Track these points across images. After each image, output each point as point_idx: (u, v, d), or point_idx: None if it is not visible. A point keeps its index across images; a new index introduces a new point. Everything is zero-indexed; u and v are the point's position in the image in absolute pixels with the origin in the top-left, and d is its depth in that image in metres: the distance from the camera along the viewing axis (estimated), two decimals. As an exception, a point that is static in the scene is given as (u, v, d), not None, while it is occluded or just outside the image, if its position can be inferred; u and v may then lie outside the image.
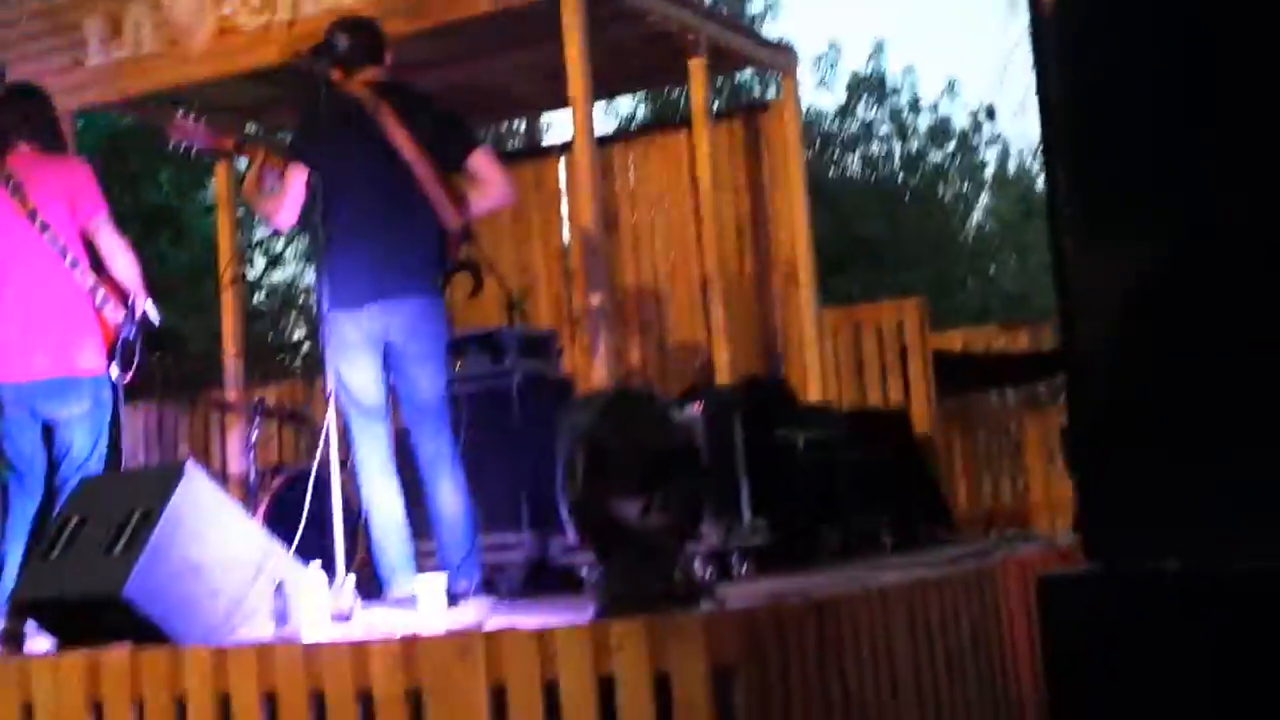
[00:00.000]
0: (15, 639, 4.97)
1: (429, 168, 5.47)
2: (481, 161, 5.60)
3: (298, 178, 5.55)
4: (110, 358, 5.71)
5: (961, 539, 7.63)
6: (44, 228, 5.53)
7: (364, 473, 5.67)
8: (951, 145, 25.86)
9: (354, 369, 5.58)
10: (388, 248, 5.49)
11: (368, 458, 5.64)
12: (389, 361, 5.62)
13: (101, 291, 5.70)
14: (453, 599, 5.20)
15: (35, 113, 5.84)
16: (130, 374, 5.76)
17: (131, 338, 5.76)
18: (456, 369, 6.87)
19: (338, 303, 5.50)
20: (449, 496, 5.60)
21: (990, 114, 25.51)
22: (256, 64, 8.04)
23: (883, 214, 22.05)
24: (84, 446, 5.65)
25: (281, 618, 4.44)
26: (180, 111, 5.66)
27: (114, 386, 5.73)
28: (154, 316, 5.79)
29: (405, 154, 5.45)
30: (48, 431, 5.66)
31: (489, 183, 5.59)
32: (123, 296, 5.76)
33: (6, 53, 8.72)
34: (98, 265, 5.76)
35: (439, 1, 7.57)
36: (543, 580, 6.73)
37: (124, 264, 5.75)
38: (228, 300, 9.59)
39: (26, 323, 5.55)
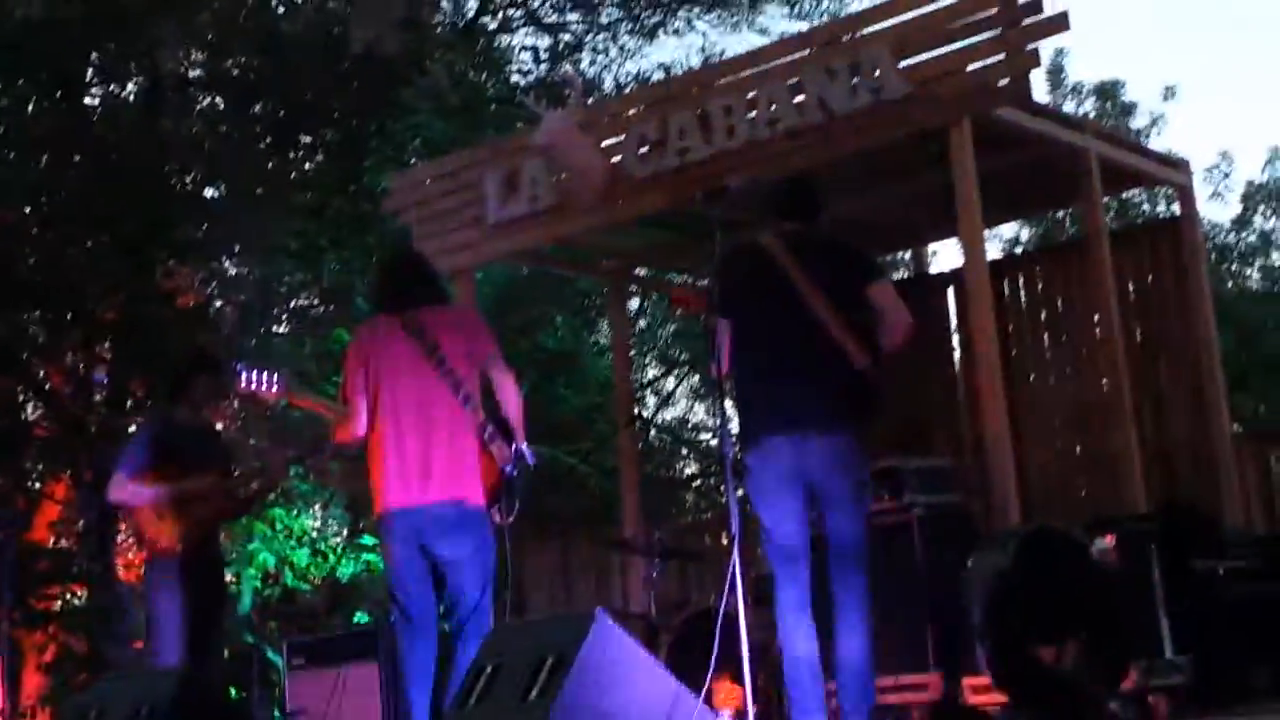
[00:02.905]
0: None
1: (830, 310, 5.51)
2: (878, 294, 5.59)
3: (721, 326, 5.69)
4: (493, 499, 5.86)
5: None
6: (441, 362, 5.75)
7: (781, 612, 5.64)
8: (1362, 252, 24.35)
9: (774, 509, 5.61)
10: (801, 390, 5.53)
11: (787, 597, 5.61)
12: (811, 501, 5.60)
13: (489, 429, 5.88)
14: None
15: (428, 275, 6.15)
16: (511, 515, 5.90)
17: (513, 477, 5.92)
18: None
19: (753, 446, 5.59)
20: (855, 640, 5.50)
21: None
22: (645, 210, 8.22)
23: (1285, 327, 20.86)
24: (474, 588, 5.73)
25: (693, 765, 4.38)
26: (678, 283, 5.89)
27: (497, 528, 5.88)
28: (529, 458, 5.93)
29: (806, 299, 5.49)
30: (438, 578, 5.78)
31: (886, 314, 5.56)
32: (508, 436, 5.93)
33: (414, 213, 9.22)
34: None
35: (830, 139, 7.58)
36: (949, 722, 6.50)
37: (514, 399, 5.90)
38: (624, 441, 9.76)
39: (423, 453, 5.71)
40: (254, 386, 6.61)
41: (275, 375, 6.53)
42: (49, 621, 12.98)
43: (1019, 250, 19.46)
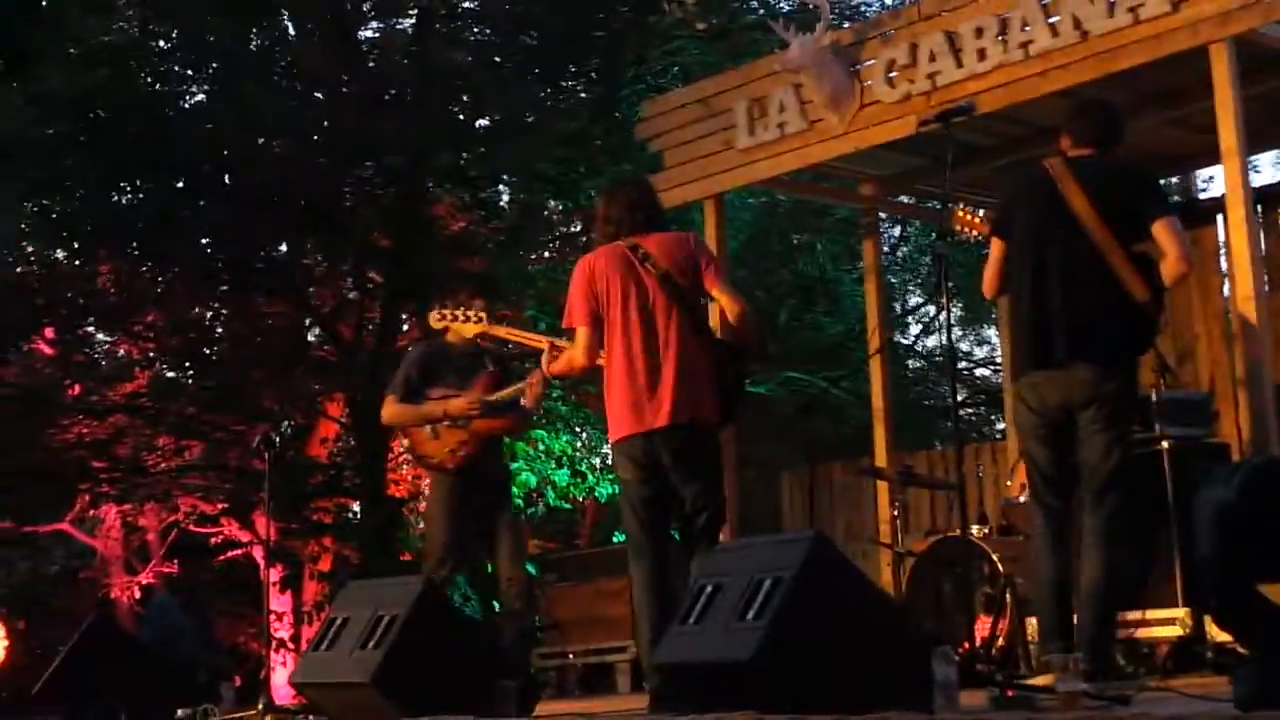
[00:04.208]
0: (663, 700, 5.19)
1: (1110, 240, 5.44)
2: (1160, 231, 5.48)
3: (997, 249, 5.73)
4: (726, 416, 5.91)
5: None
6: (673, 286, 5.80)
7: (1036, 540, 5.61)
8: None
9: (1037, 439, 5.64)
10: (1072, 320, 5.50)
11: (1043, 527, 5.59)
12: (1073, 429, 5.58)
13: (723, 348, 5.94)
14: (1091, 676, 5.00)
15: (652, 202, 6.21)
16: (730, 421, 5.99)
17: (734, 390, 5.95)
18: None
19: (1020, 374, 5.65)
20: (1096, 570, 5.42)
21: None
22: (896, 135, 8.11)
23: None
24: (706, 507, 5.79)
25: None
26: (960, 207, 5.92)
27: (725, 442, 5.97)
28: (757, 374, 5.95)
29: (1087, 226, 5.44)
30: (669, 498, 5.86)
31: (1165, 253, 5.46)
32: (737, 354, 5.97)
33: (666, 139, 9.29)
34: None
35: (1085, 61, 7.36)
36: (1197, 659, 6.35)
37: (743, 317, 5.89)
38: (875, 367, 9.70)
39: (657, 378, 5.76)
40: (449, 320, 6.81)
41: (472, 310, 6.71)
42: (323, 533, 13.57)
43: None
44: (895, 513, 8.06)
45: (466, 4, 14.92)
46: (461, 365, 7.07)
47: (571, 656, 9.37)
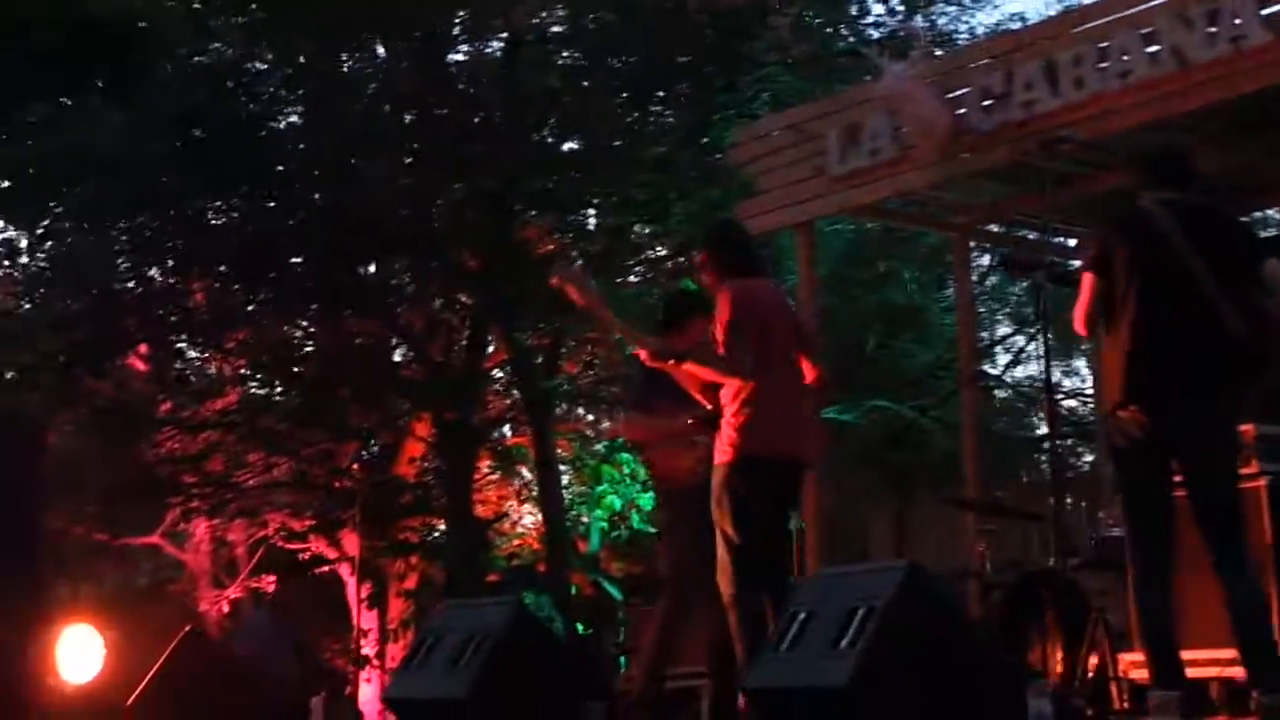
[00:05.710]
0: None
1: (1209, 276, 5.40)
2: (1270, 273, 5.45)
3: (1089, 284, 5.67)
4: None
5: None
6: (798, 330, 6.07)
7: (1135, 576, 5.56)
8: None
9: (1134, 473, 5.59)
10: (1172, 353, 5.44)
11: (1142, 561, 5.53)
12: (1177, 460, 5.52)
13: None
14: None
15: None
16: None
17: None
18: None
19: (1119, 407, 5.55)
20: (1249, 595, 5.37)
21: None
22: (988, 164, 8.08)
23: None
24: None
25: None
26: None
27: None
28: None
29: (1189, 268, 5.42)
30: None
31: (1276, 288, 5.42)
32: None
33: (758, 165, 9.30)
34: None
35: (1184, 91, 7.31)
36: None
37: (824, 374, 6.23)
38: (966, 398, 9.64)
39: (797, 410, 5.97)
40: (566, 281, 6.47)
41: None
42: (410, 552, 13.65)
43: None
44: (984, 544, 7.99)
45: (555, 28, 14.99)
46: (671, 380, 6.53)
47: (656, 681, 9.34)
